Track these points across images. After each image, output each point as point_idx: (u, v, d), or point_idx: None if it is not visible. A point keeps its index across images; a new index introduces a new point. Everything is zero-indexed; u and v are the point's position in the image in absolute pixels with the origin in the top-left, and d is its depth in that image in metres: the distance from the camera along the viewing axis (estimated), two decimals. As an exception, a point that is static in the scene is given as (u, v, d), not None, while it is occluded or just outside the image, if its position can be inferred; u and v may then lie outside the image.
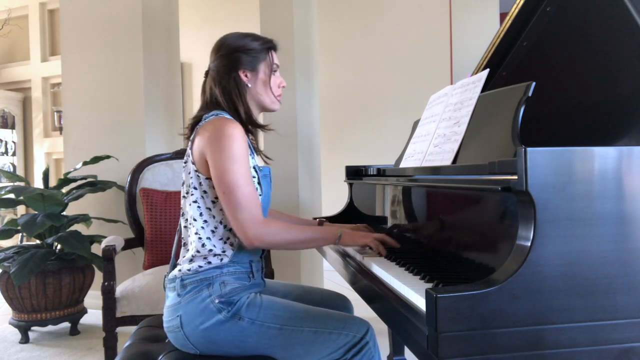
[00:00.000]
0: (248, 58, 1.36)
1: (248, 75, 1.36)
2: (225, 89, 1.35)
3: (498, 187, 0.91)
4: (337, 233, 1.33)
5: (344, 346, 1.21)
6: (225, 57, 1.36)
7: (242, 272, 1.30)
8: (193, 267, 1.27)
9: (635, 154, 0.87)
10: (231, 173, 1.21)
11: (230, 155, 1.22)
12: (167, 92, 3.38)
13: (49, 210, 2.78)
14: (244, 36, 1.39)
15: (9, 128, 5.84)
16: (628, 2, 1.28)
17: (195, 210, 1.30)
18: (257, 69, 1.37)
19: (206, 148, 1.25)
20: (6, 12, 5.69)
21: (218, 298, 1.24)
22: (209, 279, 1.26)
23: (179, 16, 3.52)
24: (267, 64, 1.39)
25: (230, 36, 1.40)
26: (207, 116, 1.33)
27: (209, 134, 1.26)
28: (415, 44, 4.22)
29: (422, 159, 1.44)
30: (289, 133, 3.05)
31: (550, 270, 0.83)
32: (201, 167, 1.29)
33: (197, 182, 1.30)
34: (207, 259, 1.28)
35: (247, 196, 1.22)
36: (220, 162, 1.22)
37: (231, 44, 1.37)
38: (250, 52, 1.36)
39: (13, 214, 5.31)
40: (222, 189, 1.22)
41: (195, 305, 1.24)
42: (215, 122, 1.28)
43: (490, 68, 1.52)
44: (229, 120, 1.29)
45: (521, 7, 1.56)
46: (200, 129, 1.31)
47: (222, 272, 1.27)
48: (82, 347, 2.65)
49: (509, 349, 0.81)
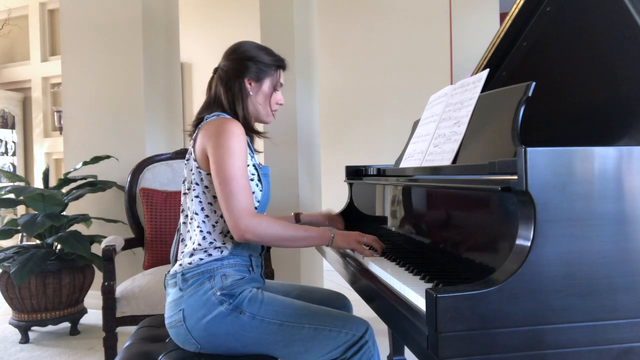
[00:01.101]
0: (256, 69, 1.41)
1: (252, 84, 1.42)
2: (229, 91, 1.41)
3: (498, 187, 0.91)
4: (330, 234, 1.34)
5: (343, 344, 1.22)
6: (235, 62, 1.41)
7: (242, 264, 1.33)
8: (194, 261, 1.30)
9: (635, 154, 0.87)
10: (228, 165, 1.25)
11: (228, 149, 1.26)
12: (167, 92, 3.38)
13: (49, 210, 2.78)
14: (259, 48, 1.45)
15: (9, 128, 5.84)
16: (628, 2, 1.28)
17: (197, 205, 1.33)
18: (262, 81, 1.43)
19: (207, 143, 1.30)
20: (6, 12, 5.69)
21: (220, 290, 1.26)
22: (210, 271, 1.28)
23: (179, 16, 3.52)
24: (273, 80, 1.45)
25: (247, 44, 1.45)
26: (209, 117, 1.37)
27: (210, 131, 1.31)
28: (415, 44, 4.22)
29: (422, 159, 1.44)
30: (289, 133, 3.05)
31: (550, 270, 0.83)
32: (203, 164, 1.33)
33: (198, 178, 1.34)
34: (208, 252, 1.31)
35: (241, 188, 1.25)
36: (218, 155, 1.26)
37: (245, 51, 1.42)
38: (260, 64, 1.42)
39: (13, 214, 5.31)
40: (218, 180, 1.26)
41: (197, 298, 1.26)
42: (217, 121, 1.33)
43: (490, 68, 1.52)
44: (230, 119, 1.34)
45: (521, 7, 1.56)
46: (202, 127, 1.36)
47: (222, 264, 1.30)
48: (82, 347, 2.65)
49: (509, 349, 0.81)
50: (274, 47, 1.51)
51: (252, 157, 1.39)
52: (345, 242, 1.36)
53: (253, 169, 1.37)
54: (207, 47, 4.96)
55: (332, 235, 1.34)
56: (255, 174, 1.37)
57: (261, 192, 1.38)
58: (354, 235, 1.37)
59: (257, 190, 1.36)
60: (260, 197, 1.37)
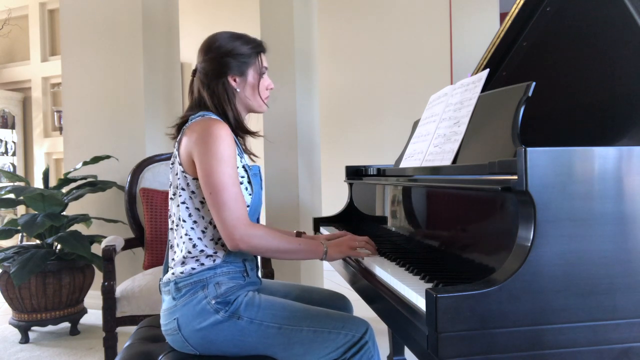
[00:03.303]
0: (237, 63, 1.35)
1: (237, 80, 1.36)
2: (213, 93, 1.34)
3: (498, 187, 0.91)
4: (323, 249, 1.31)
5: (343, 346, 1.21)
6: (213, 61, 1.34)
7: (236, 271, 1.30)
8: (186, 270, 1.26)
9: (635, 154, 0.87)
10: (218, 174, 1.20)
11: (217, 156, 1.21)
12: (167, 92, 3.38)
13: (49, 210, 2.78)
14: (234, 38, 1.37)
15: (9, 128, 5.84)
16: (628, 2, 1.28)
17: (184, 211, 1.29)
18: (245, 74, 1.36)
19: (193, 148, 1.24)
20: (6, 12, 5.69)
21: (214, 299, 1.24)
22: (203, 280, 1.25)
23: (179, 16, 3.52)
24: (256, 68, 1.38)
25: (220, 37, 1.37)
26: (194, 117, 1.32)
27: (196, 134, 1.25)
28: (415, 44, 4.22)
29: (422, 159, 1.44)
30: (288, 133, 3.05)
31: (550, 270, 0.83)
32: (188, 168, 1.28)
33: (184, 183, 1.29)
34: (200, 261, 1.27)
35: (233, 197, 1.21)
36: (207, 163, 1.21)
37: (220, 46, 1.35)
38: (239, 57, 1.35)
39: (13, 214, 5.31)
40: (208, 190, 1.21)
41: (191, 307, 1.24)
42: (202, 123, 1.27)
43: (490, 68, 1.52)
44: (215, 120, 1.27)
45: (521, 7, 1.56)
46: (187, 129, 1.30)
47: (215, 272, 1.27)
48: (82, 347, 2.65)
49: (508, 349, 0.81)
50: (273, 46, 1.49)
51: (241, 158, 1.34)
52: (339, 251, 1.33)
53: (243, 170, 1.32)
54: (207, 47, 4.94)
55: (325, 249, 1.31)
56: (245, 176, 1.32)
57: (251, 196, 1.33)
58: (346, 242, 1.34)
59: (246, 194, 1.31)
60: (250, 202, 1.32)
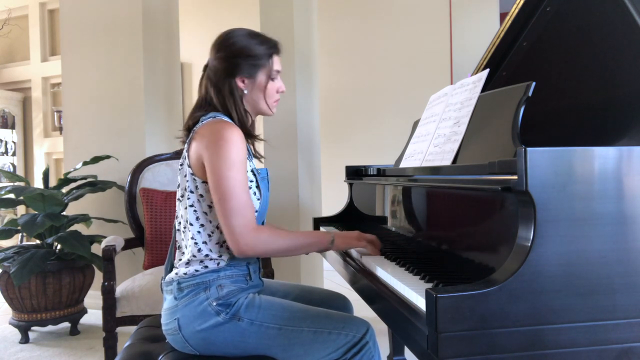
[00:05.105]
0: (247, 65, 1.31)
1: (245, 82, 1.33)
2: (219, 93, 1.32)
3: (498, 187, 0.91)
4: (329, 237, 1.31)
5: (344, 346, 1.21)
6: (224, 60, 1.31)
7: (240, 275, 1.30)
8: (190, 271, 1.26)
9: (635, 154, 0.87)
10: (228, 179, 1.19)
11: (227, 161, 1.19)
12: (167, 92, 3.38)
13: (49, 210, 2.78)
14: (249, 37, 1.33)
15: (9, 128, 5.84)
16: (628, 2, 1.28)
17: (191, 214, 1.28)
18: (255, 76, 1.33)
19: (204, 152, 1.23)
20: (6, 12, 5.69)
21: (215, 301, 1.24)
22: (206, 282, 1.25)
23: (179, 16, 3.52)
24: (267, 71, 1.34)
25: (237, 35, 1.33)
26: (205, 118, 1.30)
27: (207, 138, 1.23)
28: (415, 44, 4.22)
29: (422, 159, 1.44)
30: (289, 133, 3.05)
31: (550, 270, 0.83)
32: (198, 171, 1.26)
33: (193, 186, 1.27)
34: (204, 263, 1.27)
35: (242, 204, 1.20)
36: (217, 168, 1.20)
37: (234, 44, 1.31)
38: (251, 58, 1.31)
39: (13, 214, 5.31)
40: (217, 195, 1.20)
41: (192, 308, 1.24)
42: (213, 126, 1.25)
43: (490, 68, 1.52)
44: (227, 123, 1.26)
45: (521, 7, 1.56)
46: (197, 131, 1.28)
47: (219, 275, 1.26)
48: (82, 347, 2.65)
49: (509, 349, 0.81)
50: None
51: (250, 162, 1.33)
52: (345, 243, 1.34)
53: (251, 175, 1.31)
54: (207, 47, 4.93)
55: (332, 238, 1.31)
56: (254, 180, 1.31)
57: (259, 201, 1.32)
58: (354, 235, 1.35)
59: (254, 199, 1.30)
60: (258, 207, 1.32)
